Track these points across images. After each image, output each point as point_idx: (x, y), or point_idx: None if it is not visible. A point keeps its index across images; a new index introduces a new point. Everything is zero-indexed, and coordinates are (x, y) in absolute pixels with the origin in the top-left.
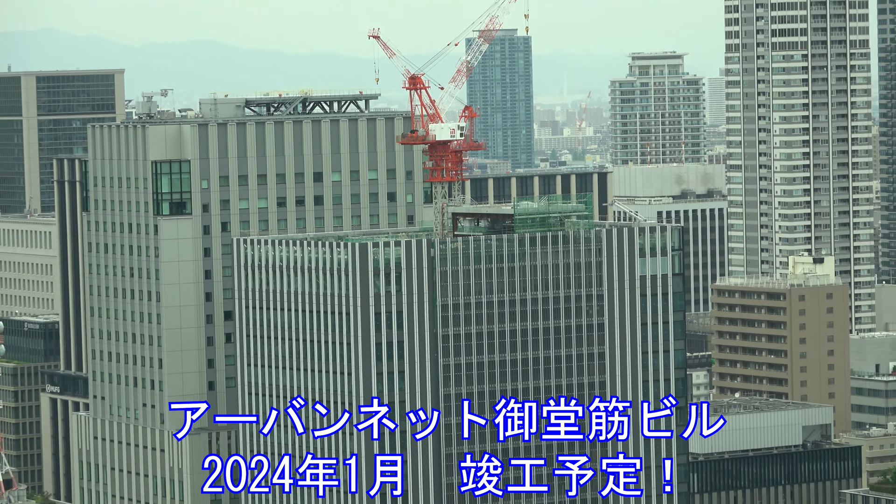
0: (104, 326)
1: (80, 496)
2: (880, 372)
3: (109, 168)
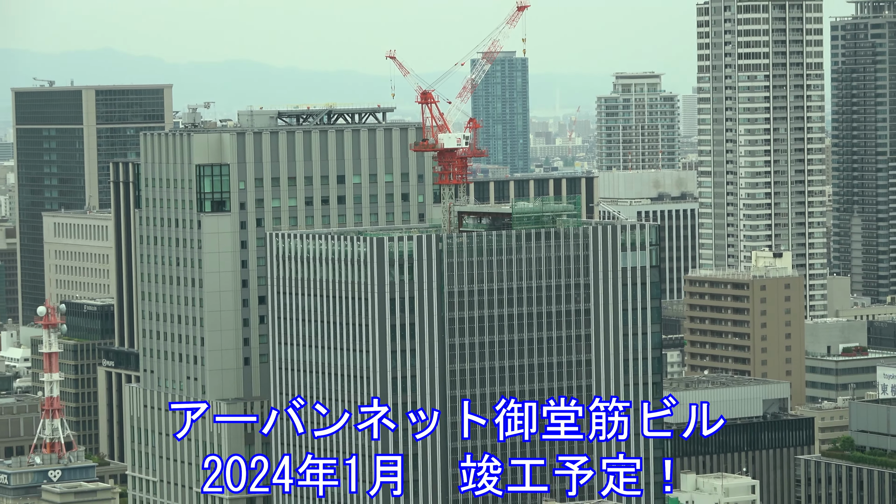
0: (153, 309)
1: (132, 457)
2: (831, 353)
3: (158, 170)
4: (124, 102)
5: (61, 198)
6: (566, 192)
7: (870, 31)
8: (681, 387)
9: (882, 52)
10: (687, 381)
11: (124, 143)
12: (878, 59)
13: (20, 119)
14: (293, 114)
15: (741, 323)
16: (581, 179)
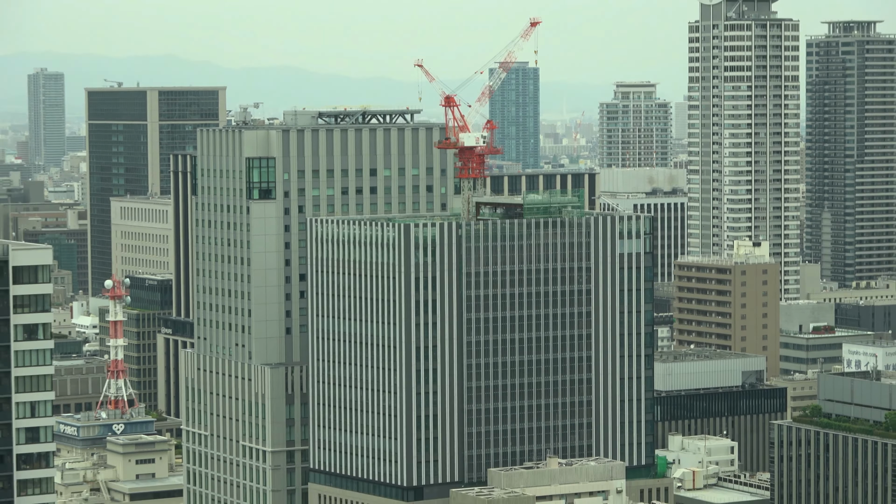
0: (207, 283)
1: (186, 413)
2: (802, 331)
3: (213, 162)
4: (183, 102)
5: (127, 185)
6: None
7: (840, 49)
8: (669, 359)
9: (851, 68)
10: (675, 354)
11: (183, 137)
12: (847, 74)
13: (92, 115)
14: (332, 114)
15: (723, 303)
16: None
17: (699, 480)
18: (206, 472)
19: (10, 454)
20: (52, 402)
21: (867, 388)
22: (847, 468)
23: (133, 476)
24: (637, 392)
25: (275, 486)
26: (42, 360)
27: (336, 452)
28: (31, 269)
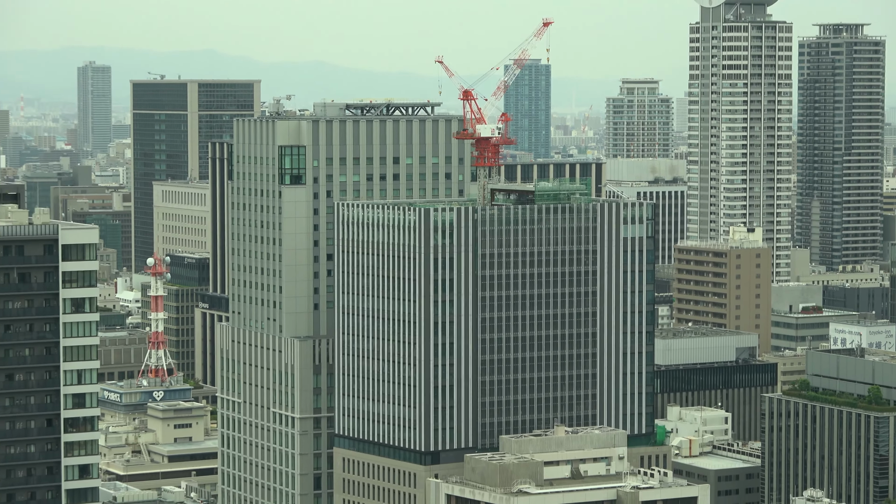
0: (241, 262)
1: (221, 382)
2: (792, 311)
3: (248, 150)
4: (221, 94)
5: (168, 170)
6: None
7: (830, 49)
8: (669, 335)
9: (840, 67)
10: (674, 331)
11: (220, 127)
12: (836, 72)
13: (136, 105)
14: (358, 106)
15: (719, 285)
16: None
17: (695, 448)
18: (238, 437)
19: (58, 418)
20: (97, 370)
21: (852, 365)
22: (832, 438)
23: (171, 439)
24: (638, 366)
25: (302, 450)
26: (88, 331)
27: (359, 419)
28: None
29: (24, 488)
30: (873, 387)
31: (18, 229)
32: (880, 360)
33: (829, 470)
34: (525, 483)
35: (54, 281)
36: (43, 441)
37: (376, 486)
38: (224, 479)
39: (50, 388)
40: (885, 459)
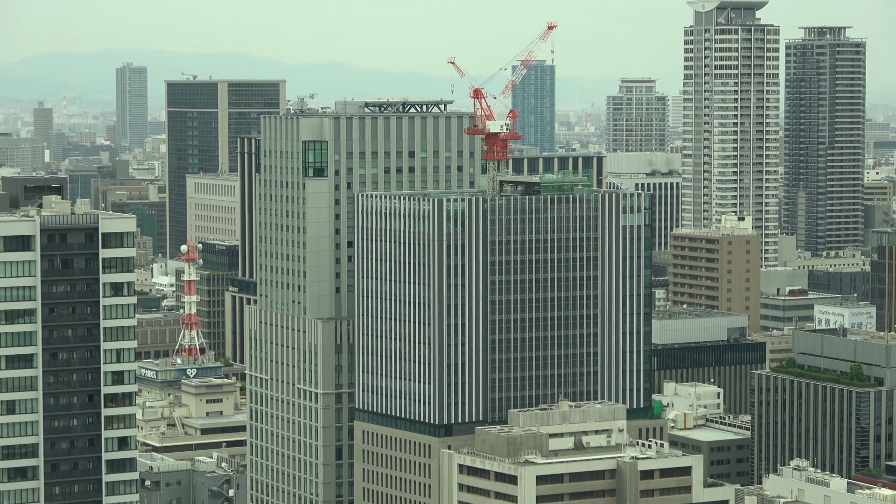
0: (268, 249)
1: (249, 360)
2: (780, 294)
3: (274, 145)
4: (249, 93)
5: (200, 164)
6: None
7: (815, 51)
8: (665, 317)
9: (824, 67)
10: (670, 312)
11: (248, 123)
12: (820, 72)
13: (171, 104)
14: (376, 104)
15: (712, 269)
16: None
17: (689, 421)
18: (266, 411)
19: (98, 394)
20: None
21: (835, 344)
22: (817, 412)
23: (203, 413)
24: (637, 345)
25: (325, 424)
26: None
27: (377, 395)
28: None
29: (67, 458)
30: (855, 364)
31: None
32: (861, 340)
33: (814, 441)
34: (531, 454)
35: (95, 266)
36: (85, 415)
37: (393, 457)
38: (252, 451)
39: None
40: (866, 431)
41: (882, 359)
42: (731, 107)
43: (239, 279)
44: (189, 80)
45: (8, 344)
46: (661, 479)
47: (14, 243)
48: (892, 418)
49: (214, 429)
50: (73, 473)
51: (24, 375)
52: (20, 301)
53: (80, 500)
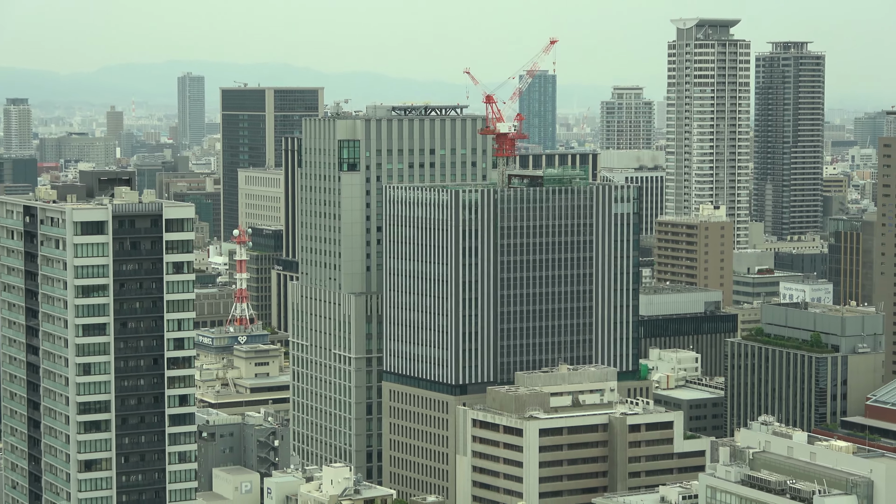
0: (308, 233)
1: (292, 329)
2: (750, 272)
3: (313, 143)
4: (292, 98)
5: (250, 159)
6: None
7: (781, 62)
8: (651, 292)
9: (789, 76)
10: (655, 288)
11: (291, 125)
12: (786, 81)
13: (225, 108)
14: (402, 108)
15: (691, 251)
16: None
17: (671, 382)
18: (306, 373)
19: (162, 358)
20: (193, 319)
21: (797, 316)
22: (781, 374)
23: (252, 375)
24: (626, 316)
25: (357, 384)
26: (186, 288)
27: (402, 359)
28: (178, 220)
29: (135, 413)
30: (814, 333)
31: (131, 207)
32: (820, 312)
33: (779, 400)
34: (535, 410)
35: (159, 248)
36: (150, 376)
37: (416, 412)
38: (294, 407)
39: (155, 333)
40: (824, 392)
41: (838, 329)
42: (708, 111)
43: (283, 259)
44: (240, 87)
45: (84, 315)
46: (647, 432)
47: (90, 228)
48: (846, 380)
49: (262, 388)
50: (140, 426)
51: (98, 342)
52: (95, 278)
53: (146, 449)
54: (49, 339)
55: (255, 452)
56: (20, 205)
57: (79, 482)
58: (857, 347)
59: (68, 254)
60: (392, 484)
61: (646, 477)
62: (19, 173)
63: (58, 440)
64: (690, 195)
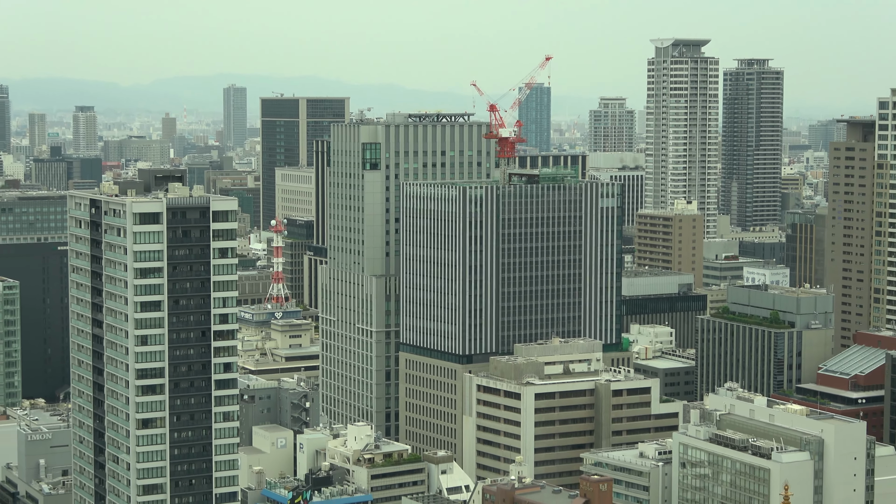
0: (336, 223)
1: (322, 306)
2: (717, 259)
3: (341, 145)
4: (322, 107)
5: (285, 160)
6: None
7: (745, 77)
8: (632, 275)
9: (752, 89)
10: (636, 272)
11: (321, 130)
12: (749, 93)
13: (264, 115)
14: (417, 115)
15: (667, 240)
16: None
17: (649, 353)
18: (333, 344)
19: (209, 330)
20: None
21: (758, 296)
22: (745, 347)
23: (287, 346)
24: (610, 296)
25: (377, 354)
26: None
27: (417, 332)
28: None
29: (185, 378)
30: (773, 311)
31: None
32: (778, 293)
33: (742, 369)
34: (531, 377)
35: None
36: (198, 346)
37: (428, 378)
38: (323, 373)
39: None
40: (781, 362)
41: (794, 307)
42: (682, 119)
43: (314, 245)
44: (278, 97)
45: (142, 293)
46: (628, 397)
47: (147, 218)
48: (800, 352)
49: (295, 357)
50: (190, 390)
51: (153, 316)
52: (151, 261)
53: (195, 409)
54: (112, 315)
55: (289, 413)
56: (87, 198)
57: (137, 438)
58: (811, 324)
59: (128, 241)
60: (407, 440)
61: (627, 435)
62: (86, 171)
63: (119, 401)
64: (666, 192)
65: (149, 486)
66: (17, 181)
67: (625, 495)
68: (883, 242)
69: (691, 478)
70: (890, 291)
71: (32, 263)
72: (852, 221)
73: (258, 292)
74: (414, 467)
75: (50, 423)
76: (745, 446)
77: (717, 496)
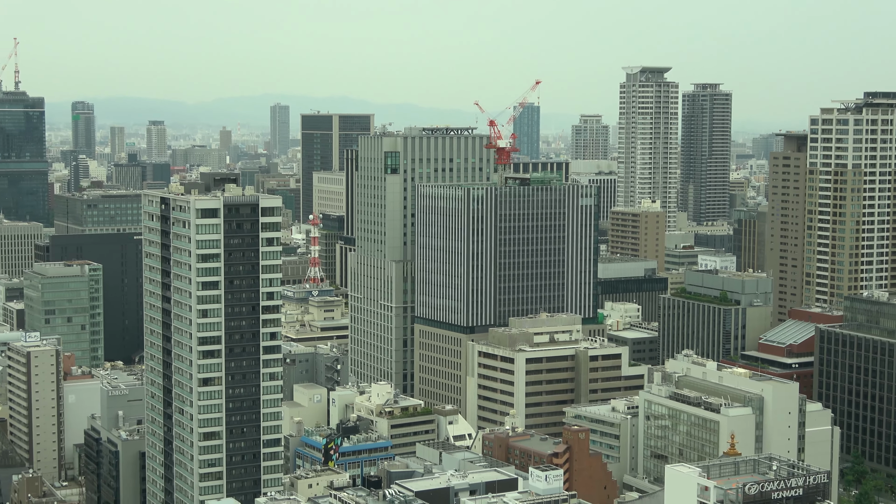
0: (362, 217)
1: (350, 285)
2: (677, 248)
3: (367, 154)
4: (351, 122)
5: (321, 165)
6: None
7: (700, 98)
8: (606, 261)
9: (706, 108)
10: (609, 258)
11: (351, 141)
12: (703, 111)
13: (304, 128)
14: (430, 129)
15: (635, 232)
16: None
17: (621, 326)
18: (360, 317)
19: (258, 305)
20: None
21: (710, 279)
22: (699, 321)
23: (322, 318)
24: (588, 278)
25: (396, 325)
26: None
27: (429, 308)
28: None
29: (238, 345)
30: (722, 291)
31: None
32: (727, 276)
33: (696, 339)
34: (523, 345)
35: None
36: (249, 318)
37: (438, 346)
38: (351, 341)
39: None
40: (729, 333)
41: (739, 288)
42: (649, 133)
43: (344, 236)
44: (315, 114)
45: (203, 275)
46: (603, 361)
47: (207, 213)
48: (745, 325)
49: (329, 327)
50: (242, 354)
51: (212, 294)
52: (210, 248)
53: (246, 370)
54: (178, 292)
55: (323, 374)
56: (158, 196)
57: (198, 394)
58: (753, 302)
59: (192, 232)
60: (421, 397)
61: (601, 393)
62: (157, 174)
63: (183, 364)
64: (635, 193)
65: (208, 433)
66: (101, 182)
67: (600, 442)
68: (813, 235)
69: (654, 428)
70: (819, 276)
71: (113, 250)
72: (788, 218)
73: (298, 274)
74: (426, 419)
75: (127, 381)
76: (698, 402)
77: (675, 444)
